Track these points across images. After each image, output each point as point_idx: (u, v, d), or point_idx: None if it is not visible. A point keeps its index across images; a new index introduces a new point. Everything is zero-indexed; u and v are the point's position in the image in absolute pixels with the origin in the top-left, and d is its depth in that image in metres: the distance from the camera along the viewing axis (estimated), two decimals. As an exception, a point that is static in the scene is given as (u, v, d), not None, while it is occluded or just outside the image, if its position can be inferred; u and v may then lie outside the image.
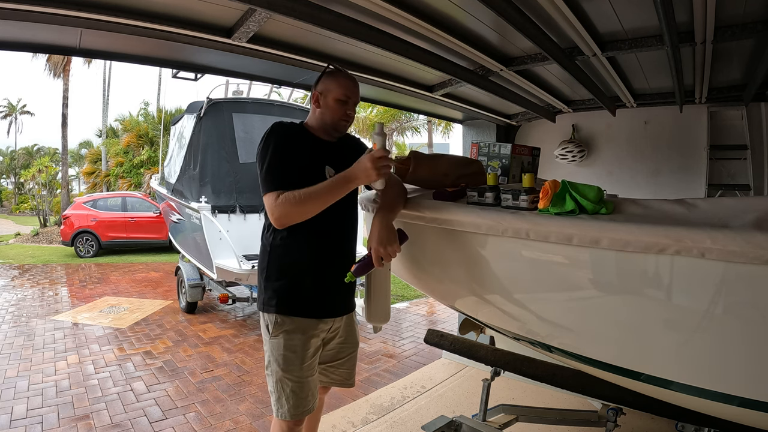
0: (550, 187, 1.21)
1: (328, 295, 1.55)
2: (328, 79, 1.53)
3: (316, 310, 1.51)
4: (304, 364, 1.47)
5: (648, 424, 2.49)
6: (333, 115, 1.52)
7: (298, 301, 1.49)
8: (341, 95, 1.51)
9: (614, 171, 3.55)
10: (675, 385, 1.14)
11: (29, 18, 1.40)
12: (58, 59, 16.83)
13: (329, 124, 1.54)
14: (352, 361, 1.74)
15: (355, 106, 1.56)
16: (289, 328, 1.47)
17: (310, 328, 1.50)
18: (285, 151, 1.44)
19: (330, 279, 1.53)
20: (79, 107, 51.05)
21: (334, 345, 1.65)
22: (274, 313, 1.48)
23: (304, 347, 1.48)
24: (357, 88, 1.55)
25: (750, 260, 0.89)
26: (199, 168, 5.39)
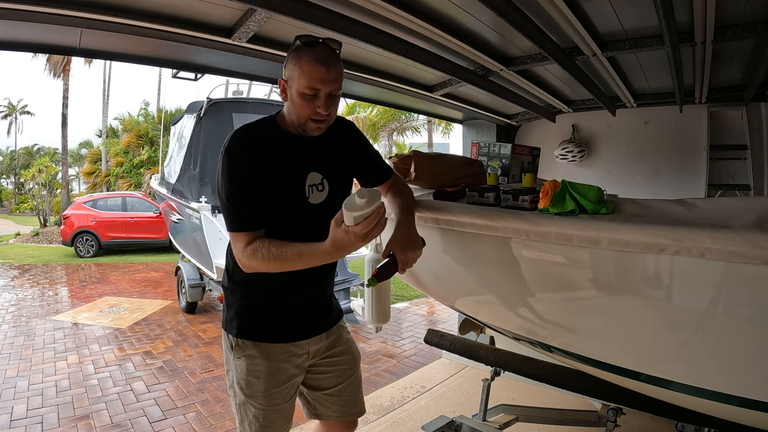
0: (550, 187, 1.21)
1: (300, 315, 1.32)
2: (292, 62, 1.13)
3: (282, 334, 1.29)
4: (269, 392, 1.26)
5: (648, 424, 2.49)
6: (298, 112, 1.15)
7: (261, 324, 1.29)
8: (304, 87, 1.10)
9: (614, 171, 3.55)
10: (675, 385, 1.14)
11: (29, 18, 1.40)
12: (58, 59, 16.83)
13: (296, 124, 1.18)
14: (354, 386, 1.44)
15: (332, 99, 1.15)
16: (251, 353, 1.27)
17: (276, 354, 1.28)
18: (246, 174, 1.14)
19: (300, 299, 1.31)
20: (79, 107, 51.13)
21: (324, 369, 1.40)
22: (235, 336, 1.28)
23: (270, 374, 1.26)
24: (333, 72, 1.11)
25: (750, 260, 0.89)
26: (199, 168, 5.40)
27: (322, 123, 1.17)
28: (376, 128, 17.38)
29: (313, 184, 1.24)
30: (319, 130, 1.18)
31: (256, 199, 1.15)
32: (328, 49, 1.13)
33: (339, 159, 1.29)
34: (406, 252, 1.17)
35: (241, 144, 1.17)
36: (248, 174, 1.15)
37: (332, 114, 1.17)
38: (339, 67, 1.14)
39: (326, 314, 1.41)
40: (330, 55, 1.12)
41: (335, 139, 1.29)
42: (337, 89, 1.14)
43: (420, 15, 1.75)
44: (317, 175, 1.25)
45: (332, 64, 1.11)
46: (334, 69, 1.11)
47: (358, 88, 2.71)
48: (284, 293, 1.28)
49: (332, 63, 1.11)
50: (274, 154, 1.19)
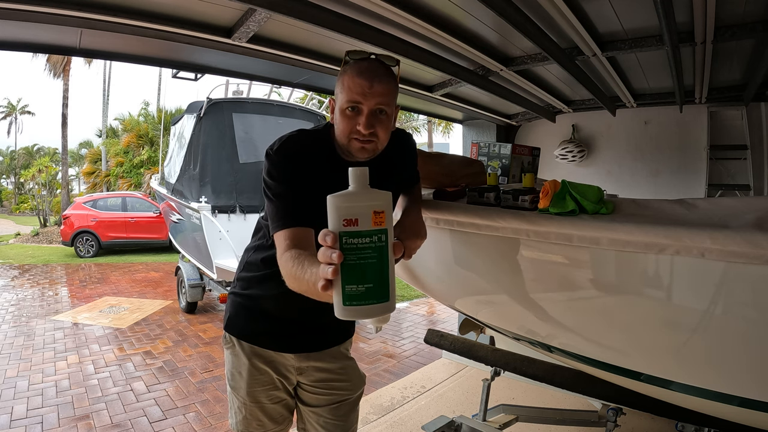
0: (550, 187, 1.21)
1: (289, 327, 1.26)
2: (339, 79, 1.05)
3: (265, 339, 1.25)
4: (251, 389, 1.25)
5: (648, 424, 2.49)
6: (340, 131, 1.05)
7: (248, 325, 1.27)
8: (344, 102, 1.02)
9: (614, 171, 3.55)
10: (675, 385, 1.14)
11: (29, 18, 1.40)
12: (58, 59, 16.83)
13: (342, 147, 1.08)
14: (342, 411, 1.32)
15: (376, 118, 1.02)
16: (236, 349, 1.27)
17: (258, 356, 1.25)
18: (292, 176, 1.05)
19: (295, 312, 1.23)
20: (79, 107, 51.09)
21: (312, 388, 1.31)
22: (224, 329, 1.30)
23: (251, 374, 1.25)
24: (378, 86, 1.00)
25: (750, 260, 0.89)
26: (199, 168, 5.40)
27: (367, 144, 1.03)
28: (376, 128, 17.36)
29: None
30: (364, 152, 1.04)
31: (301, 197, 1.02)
32: (376, 64, 1.03)
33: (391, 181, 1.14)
34: (413, 239, 1.07)
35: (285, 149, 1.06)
36: (291, 176, 1.04)
37: (380, 135, 1.03)
38: (386, 83, 1.01)
39: (322, 334, 1.30)
40: (376, 70, 1.02)
41: (391, 156, 1.15)
42: (382, 105, 1.01)
43: (420, 15, 1.75)
44: None
45: (377, 77, 1.00)
46: (379, 83, 1.00)
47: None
48: (281, 304, 1.23)
49: (377, 77, 1.00)
50: (314, 170, 1.06)
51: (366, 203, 0.68)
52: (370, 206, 0.67)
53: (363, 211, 0.67)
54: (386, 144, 1.08)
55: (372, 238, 0.67)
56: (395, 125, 1.13)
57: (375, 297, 0.68)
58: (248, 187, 5.41)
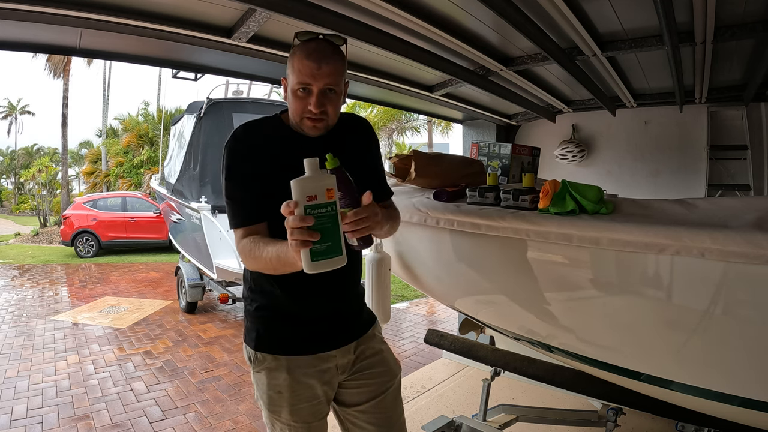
0: (550, 187, 1.21)
1: (322, 324, 1.20)
2: (289, 60, 1.10)
3: (303, 345, 1.18)
4: (295, 407, 1.16)
5: (648, 424, 2.49)
6: (292, 111, 1.11)
7: (279, 336, 1.19)
8: (295, 83, 1.07)
9: (614, 171, 3.55)
10: (675, 385, 1.14)
11: (29, 18, 1.40)
12: (58, 59, 16.83)
13: (295, 124, 1.14)
14: (388, 402, 1.26)
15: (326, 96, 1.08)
16: (271, 366, 1.17)
17: (299, 367, 1.17)
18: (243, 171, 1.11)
19: (321, 307, 1.20)
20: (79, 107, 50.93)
21: (354, 383, 1.25)
22: (253, 349, 1.19)
23: (293, 389, 1.16)
24: (325, 66, 1.05)
25: (750, 260, 0.89)
26: (199, 168, 5.40)
27: (318, 122, 1.10)
28: (377, 128, 17.37)
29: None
30: (316, 130, 1.11)
31: (252, 196, 1.11)
32: (324, 44, 1.08)
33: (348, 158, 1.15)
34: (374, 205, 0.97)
35: (240, 141, 1.14)
36: (245, 171, 1.12)
37: (329, 112, 1.10)
38: (334, 62, 1.06)
39: (353, 323, 1.26)
40: (324, 50, 1.06)
41: (347, 138, 1.20)
42: (330, 84, 1.06)
43: (420, 15, 1.75)
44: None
45: (324, 58, 1.05)
46: (326, 63, 1.05)
47: (358, 88, 2.71)
48: (302, 301, 1.18)
49: (324, 57, 1.05)
50: (274, 153, 1.13)
51: (321, 183, 0.89)
52: (323, 185, 0.89)
53: (320, 189, 0.88)
54: (336, 120, 1.14)
55: (327, 208, 0.89)
56: (345, 100, 1.18)
57: (333, 252, 0.90)
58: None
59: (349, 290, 1.26)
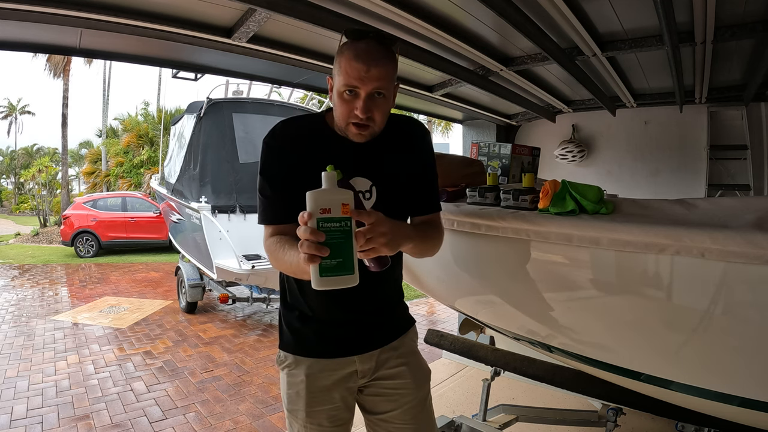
0: (550, 187, 1.21)
1: (345, 328, 1.17)
2: (336, 59, 1.03)
3: (323, 348, 1.16)
4: (311, 410, 1.15)
5: (648, 424, 2.49)
6: (338, 114, 1.06)
7: (302, 337, 1.18)
8: (342, 85, 1.01)
9: (614, 171, 3.56)
10: (675, 385, 1.14)
11: (29, 18, 1.40)
12: (58, 59, 16.83)
13: (340, 128, 1.08)
14: (412, 414, 1.19)
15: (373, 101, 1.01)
16: (291, 365, 1.18)
17: (317, 371, 1.15)
18: (278, 169, 1.08)
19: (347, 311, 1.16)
20: (79, 107, 51.08)
21: (375, 390, 1.21)
22: (279, 348, 1.21)
23: (310, 391, 1.15)
24: (375, 69, 0.98)
25: (750, 260, 0.89)
26: (199, 168, 5.40)
27: (364, 129, 1.03)
28: (376, 128, 17.33)
29: (359, 191, 1.07)
30: (361, 137, 1.05)
31: (283, 196, 1.07)
32: (374, 45, 1.00)
33: (396, 165, 1.12)
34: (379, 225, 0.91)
35: (276, 138, 1.09)
36: (278, 169, 1.08)
37: (377, 118, 1.03)
38: (384, 65, 1.00)
39: (377, 331, 1.20)
40: (374, 51, 0.99)
41: (397, 142, 1.14)
42: (379, 88, 1.00)
43: (420, 15, 1.75)
44: (365, 181, 1.10)
45: (374, 60, 0.98)
46: (376, 66, 0.98)
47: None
48: (328, 304, 1.14)
49: (374, 59, 0.98)
50: (312, 153, 1.07)
51: (336, 197, 0.86)
52: (339, 199, 0.86)
53: (334, 203, 0.85)
54: (384, 125, 1.08)
55: (341, 223, 0.86)
56: (395, 102, 1.11)
57: (344, 270, 0.86)
58: (248, 187, 5.40)
59: (376, 298, 1.19)
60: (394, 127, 1.13)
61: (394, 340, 1.22)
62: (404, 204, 1.16)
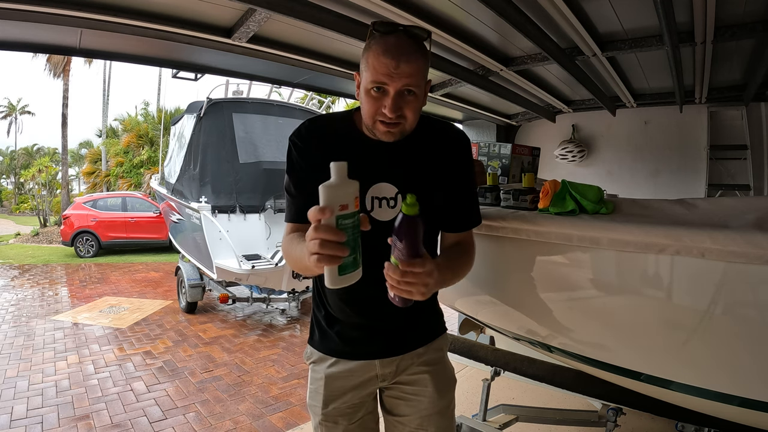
0: (550, 187, 1.21)
1: (369, 332, 1.14)
2: (364, 54, 0.98)
3: (344, 350, 1.15)
4: (328, 406, 1.15)
5: (648, 424, 2.49)
6: (365, 112, 1.00)
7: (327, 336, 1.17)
8: (369, 82, 0.95)
9: (614, 171, 3.56)
10: (675, 385, 1.14)
11: (29, 18, 1.40)
12: (58, 59, 16.83)
13: (367, 126, 1.02)
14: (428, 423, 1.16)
15: (403, 98, 0.95)
16: (316, 361, 1.19)
17: (337, 369, 1.15)
18: (302, 167, 1.04)
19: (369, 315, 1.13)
20: (79, 107, 50.87)
21: (395, 393, 1.20)
22: (308, 343, 1.22)
23: (329, 388, 1.14)
24: (405, 65, 0.92)
25: (750, 260, 0.89)
26: (199, 168, 5.40)
27: (393, 127, 0.97)
28: (376, 128, 17.34)
29: (383, 197, 1.03)
30: (390, 135, 0.98)
31: (305, 195, 1.02)
32: (404, 39, 0.94)
33: (428, 173, 1.06)
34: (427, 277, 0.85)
35: (304, 137, 1.05)
36: (302, 168, 1.04)
37: (408, 116, 0.97)
38: (415, 60, 0.93)
39: (404, 335, 1.17)
40: (404, 46, 0.93)
41: (433, 148, 1.07)
42: (409, 85, 0.94)
43: (420, 15, 1.75)
44: (390, 187, 1.04)
45: (404, 55, 0.92)
46: (406, 62, 0.92)
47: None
48: (352, 306, 1.12)
49: (404, 54, 0.92)
50: (337, 154, 0.96)
51: (351, 191, 0.80)
52: (353, 193, 0.79)
53: (350, 198, 0.79)
54: (414, 124, 1.01)
55: (354, 218, 0.80)
56: (426, 101, 1.03)
57: (356, 266, 0.82)
58: (248, 187, 5.40)
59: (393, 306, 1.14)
60: (431, 131, 1.08)
61: (420, 347, 1.18)
62: (433, 216, 1.07)
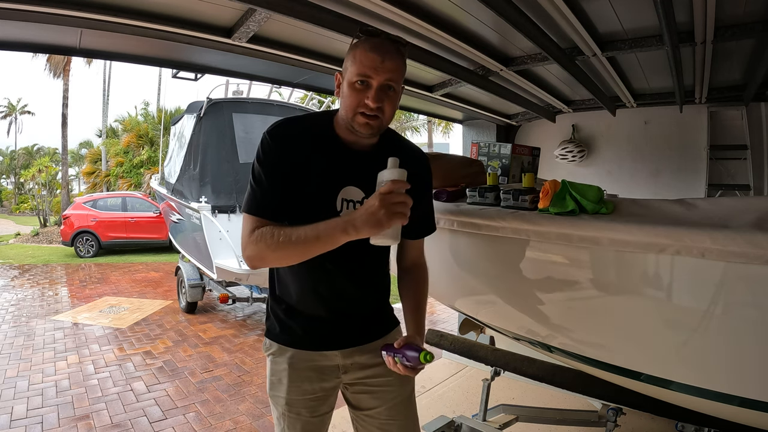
0: (550, 187, 1.21)
1: (329, 323, 1.19)
2: (349, 53, 1.05)
3: (305, 340, 1.19)
4: (291, 398, 1.18)
5: (648, 424, 2.49)
6: (346, 104, 1.04)
7: (286, 328, 1.20)
8: (354, 75, 1.01)
9: (614, 171, 3.55)
10: (675, 385, 1.14)
11: (29, 18, 1.40)
12: (58, 59, 16.83)
13: (345, 120, 1.06)
14: (397, 411, 1.24)
15: (385, 93, 1.02)
16: (276, 353, 1.21)
17: (299, 361, 1.18)
18: (276, 162, 1.07)
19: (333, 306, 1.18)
20: (79, 107, 50.94)
21: (361, 388, 1.24)
22: (265, 335, 1.25)
23: (291, 379, 1.18)
24: (389, 62, 1.01)
25: (750, 260, 0.89)
26: (199, 168, 5.40)
27: (372, 120, 1.03)
28: (376, 128, 17.34)
29: (350, 200, 1.09)
30: (368, 128, 1.04)
31: (279, 190, 1.06)
32: (388, 42, 1.04)
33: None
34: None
35: (280, 133, 1.08)
36: (278, 162, 1.07)
37: (386, 111, 1.04)
38: (397, 60, 1.03)
39: (364, 327, 1.22)
40: (388, 46, 1.03)
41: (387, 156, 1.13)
42: (391, 81, 1.02)
43: (420, 15, 1.75)
44: (357, 191, 1.10)
45: (388, 53, 1.01)
46: (390, 59, 1.01)
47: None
48: (315, 297, 1.16)
49: (389, 53, 1.01)
50: (310, 154, 1.07)
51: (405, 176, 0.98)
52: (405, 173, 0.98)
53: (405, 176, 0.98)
54: (389, 123, 1.10)
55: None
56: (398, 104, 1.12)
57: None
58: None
59: (362, 298, 1.21)
60: (400, 146, 1.17)
61: (378, 339, 1.23)
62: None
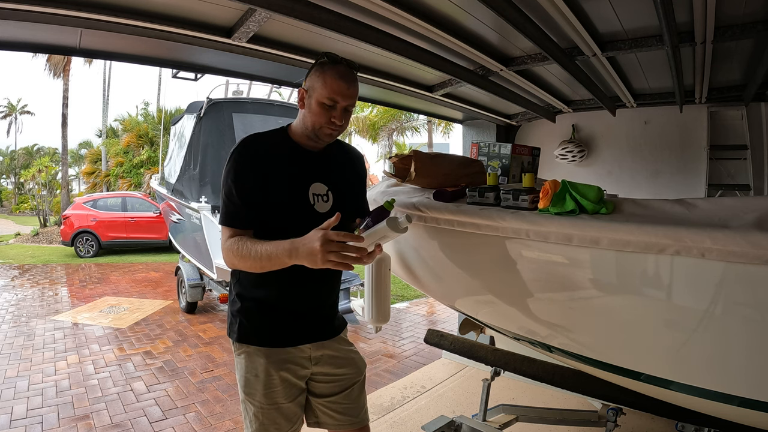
0: (550, 187, 1.21)
1: (300, 319, 1.35)
2: (316, 75, 1.25)
3: (281, 337, 1.33)
4: (268, 390, 1.29)
5: (648, 424, 2.49)
6: (314, 119, 1.26)
7: (260, 328, 1.32)
8: (325, 98, 1.23)
9: (614, 171, 3.55)
10: (675, 385, 1.14)
11: (29, 18, 1.40)
12: (58, 59, 16.83)
13: (310, 130, 1.28)
14: (354, 395, 1.44)
15: (347, 112, 1.28)
16: (250, 351, 1.32)
17: (275, 355, 1.31)
18: (247, 175, 1.23)
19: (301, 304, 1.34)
20: (79, 107, 50.92)
21: (324, 378, 1.40)
22: (236, 341, 1.34)
23: (268, 373, 1.29)
24: (352, 89, 1.25)
25: (750, 260, 0.89)
26: (199, 168, 5.40)
27: (335, 131, 1.29)
28: (376, 128, 17.36)
29: (318, 194, 1.32)
30: (330, 137, 1.30)
31: (252, 201, 1.23)
32: (348, 69, 1.27)
33: (343, 176, 1.41)
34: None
35: (248, 147, 1.27)
36: (249, 175, 1.24)
37: (345, 125, 1.30)
38: (356, 86, 1.28)
39: (329, 322, 1.43)
40: (350, 75, 1.27)
41: (342, 158, 1.42)
42: (351, 104, 1.27)
43: (420, 15, 1.75)
44: (322, 186, 1.33)
45: (352, 82, 1.26)
46: (353, 87, 1.26)
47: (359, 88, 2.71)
48: (284, 297, 1.32)
49: (352, 81, 1.26)
50: (278, 162, 1.28)
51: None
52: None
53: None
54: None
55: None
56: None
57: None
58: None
59: (326, 296, 1.42)
60: (342, 147, 1.44)
61: (340, 333, 1.46)
62: (353, 206, 1.41)
